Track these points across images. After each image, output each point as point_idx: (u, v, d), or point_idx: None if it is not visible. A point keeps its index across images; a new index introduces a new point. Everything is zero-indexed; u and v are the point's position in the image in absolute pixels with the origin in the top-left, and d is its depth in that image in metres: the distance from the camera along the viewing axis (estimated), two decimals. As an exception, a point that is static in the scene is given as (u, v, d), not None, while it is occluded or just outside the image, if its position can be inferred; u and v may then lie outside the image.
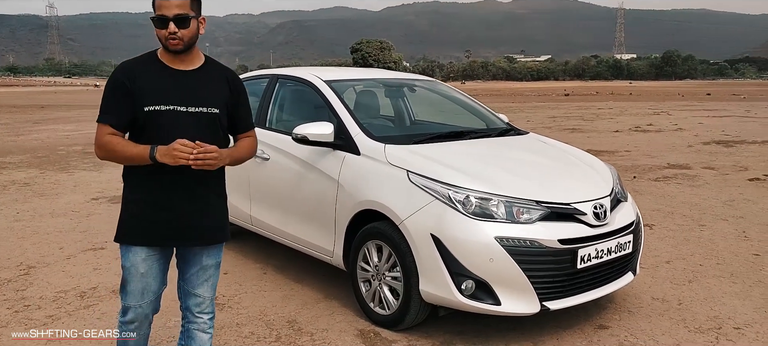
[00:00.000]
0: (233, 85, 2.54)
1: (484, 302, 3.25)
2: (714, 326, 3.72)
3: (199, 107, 2.40)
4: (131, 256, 2.45)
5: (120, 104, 2.37)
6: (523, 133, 4.67)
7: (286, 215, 4.40)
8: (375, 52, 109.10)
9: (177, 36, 2.33)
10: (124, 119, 2.38)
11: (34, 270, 4.72)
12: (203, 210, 2.48)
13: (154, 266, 2.49)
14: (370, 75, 5.32)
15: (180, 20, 2.32)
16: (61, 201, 7.37)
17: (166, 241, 2.48)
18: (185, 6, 2.33)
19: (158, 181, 2.39)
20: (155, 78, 2.39)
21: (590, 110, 25.90)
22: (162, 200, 2.41)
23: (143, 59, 2.47)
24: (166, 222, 2.42)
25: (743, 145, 12.75)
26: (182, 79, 2.41)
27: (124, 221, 2.46)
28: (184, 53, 2.41)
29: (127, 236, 2.45)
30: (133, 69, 2.41)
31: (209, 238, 2.54)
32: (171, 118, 2.36)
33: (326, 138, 3.95)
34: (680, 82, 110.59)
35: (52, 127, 18.33)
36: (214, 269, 2.62)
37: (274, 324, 3.74)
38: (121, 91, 2.36)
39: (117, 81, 2.38)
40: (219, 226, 2.57)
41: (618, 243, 3.55)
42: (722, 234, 5.75)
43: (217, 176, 2.51)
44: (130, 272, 2.46)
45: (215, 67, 2.54)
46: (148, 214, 2.42)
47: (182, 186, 2.41)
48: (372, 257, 3.72)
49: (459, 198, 3.32)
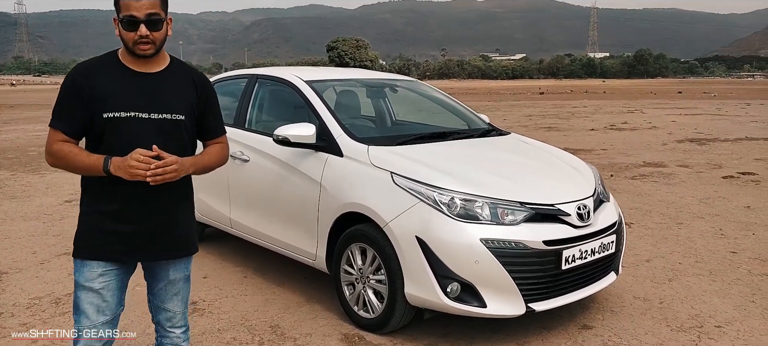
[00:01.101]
0: (201, 88, 2.34)
1: (469, 305, 3.23)
2: (695, 324, 3.75)
3: (162, 113, 2.20)
4: (86, 271, 2.23)
5: (75, 109, 2.16)
6: (505, 134, 4.66)
7: (266, 218, 4.33)
8: (351, 51, 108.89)
9: (148, 39, 2.13)
10: (78, 126, 2.18)
11: (6, 276, 4.59)
12: (168, 222, 2.29)
13: (111, 283, 2.26)
14: (350, 75, 5.27)
15: (153, 22, 2.13)
16: (32, 204, 7.18)
17: (128, 256, 2.27)
18: (156, 5, 2.14)
19: (119, 190, 2.18)
20: (115, 82, 2.17)
21: (565, 109, 26.15)
22: (123, 211, 2.21)
23: (103, 60, 2.24)
24: (129, 235, 2.22)
25: (716, 142, 12.97)
26: (145, 83, 2.20)
27: (82, 233, 2.25)
28: (153, 56, 2.22)
29: (84, 250, 2.23)
30: (91, 71, 2.19)
31: (176, 251, 2.36)
32: (132, 126, 2.15)
33: (308, 139, 3.89)
34: (652, 81, 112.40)
35: (22, 127, 17.94)
36: (184, 282, 2.44)
37: (256, 329, 3.68)
38: (77, 95, 2.15)
39: (73, 83, 2.17)
40: (186, 238, 2.38)
41: (601, 243, 3.56)
42: (699, 232, 5.82)
43: (183, 185, 2.32)
44: (83, 289, 2.24)
45: (181, 69, 2.33)
46: (108, 226, 2.21)
47: (145, 196, 2.21)
48: (356, 260, 3.67)
49: (444, 200, 3.30)
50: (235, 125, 4.68)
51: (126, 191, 2.17)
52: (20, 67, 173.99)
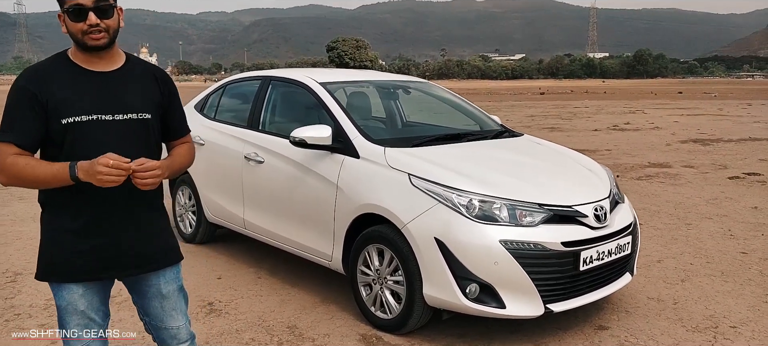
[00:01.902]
0: (164, 84, 2.17)
1: (488, 306, 3.25)
2: (711, 325, 3.77)
3: (127, 114, 2.02)
4: (65, 294, 2.07)
5: (27, 119, 1.94)
6: (518, 135, 4.68)
7: (282, 219, 4.35)
8: (351, 51, 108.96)
9: (99, 28, 1.94)
10: (33, 136, 1.95)
11: (21, 277, 4.60)
12: (146, 232, 2.13)
13: (94, 300, 2.12)
14: (363, 76, 5.29)
15: (102, 9, 1.94)
16: (41, 205, 7.19)
17: (104, 272, 2.09)
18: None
19: (85, 202, 2.00)
20: (71, 84, 1.97)
21: (567, 109, 26.18)
22: (92, 225, 2.03)
23: (52, 62, 2.03)
24: (102, 250, 2.05)
25: (720, 143, 13.00)
26: (104, 82, 2.01)
27: (48, 254, 2.06)
28: (105, 50, 2.01)
29: (55, 274, 2.06)
30: (42, 75, 1.98)
31: (162, 261, 2.19)
32: (95, 130, 1.96)
33: (324, 141, 3.91)
34: (652, 81, 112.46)
35: (24, 127, 17.94)
36: (178, 293, 2.25)
37: (274, 330, 3.70)
38: (29, 102, 1.94)
39: (22, 90, 1.95)
40: (167, 246, 2.22)
41: (618, 245, 3.58)
42: (709, 233, 5.84)
43: (155, 192, 2.15)
44: (67, 312, 2.09)
45: (140, 65, 2.15)
46: (78, 245, 2.03)
47: (115, 206, 2.04)
48: (373, 261, 3.69)
49: (463, 202, 3.32)
50: (248, 127, 4.70)
51: (93, 202, 2.01)
52: (20, 67, 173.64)
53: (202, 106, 5.34)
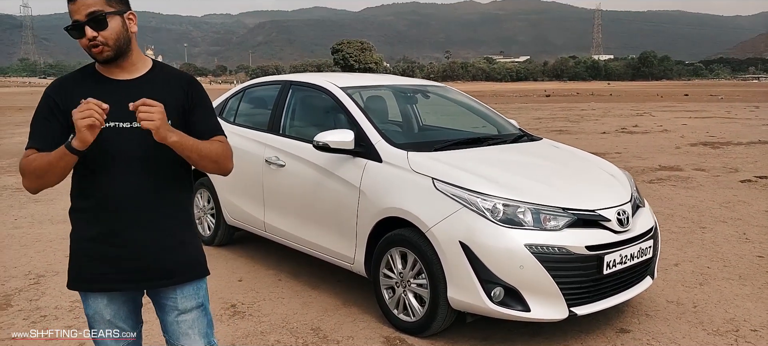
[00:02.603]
0: (189, 89, 2.11)
1: (513, 309, 3.28)
2: (731, 328, 3.80)
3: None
4: (92, 303, 2.09)
5: (49, 126, 1.99)
6: (537, 139, 4.71)
7: (303, 222, 4.39)
8: (356, 53, 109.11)
9: (98, 41, 1.92)
10: (54, 143, 1.96)
11: (44, 279, 4.65)
12: (165, 244, 2.07)
13: (121, 310, 2.12)
14: (383, 81, 5.33)
15: (95, 21, 1.91)
16: (57, 207, 7.26)
17: (123, 284, 2.07)
18: (99, 2, 1.92)
19: (105, 212, 2.00)
20: (92, 92, 1.94)
21: (574, 111, 26.18)
22: (110, 235, 2.01)
23: (79, 72, 2.09)
24: (120, 261, 2.02)
25: (730, 146, 12.98)
26: (125, 91, 2.00)
27: (74, 264, 2.08)
28: (120, 59, 2.01)
29: (80, 282, 2.07)
30: (66, 86, 2.04)
31: (180, 275, 2.11)
32: (113, 137, 1.95)
33: (347, 145, 3.95)
34: (657, 83, 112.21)
35: (34, 129, 18.02)
36: (198, 311, 2.17)
37: (298, 332, 3.74)
38: (53, 112, 2.00)
39: (46, 99, 2.02)
40: (190, 260, 2.13)
41: (640, 248, 3.61)
42: (724, 236, 5.86)
43: (178, 201, 2.11)
44: (94, 320, 2.11)
45: (165, 72, 2.13)
46: (97, 254, 2.03)
47: (135, 216, 2.01)
48: (396, 264, 3.72)
49: (487, 206, 3.35)
50: (269, 131, 4.74)
51: (112, 212, 2.00)
52: (26, 69, 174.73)
53: (221, 111, 5.39)
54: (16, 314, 3.98)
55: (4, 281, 4.61)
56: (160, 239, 2.05)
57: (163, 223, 2.06)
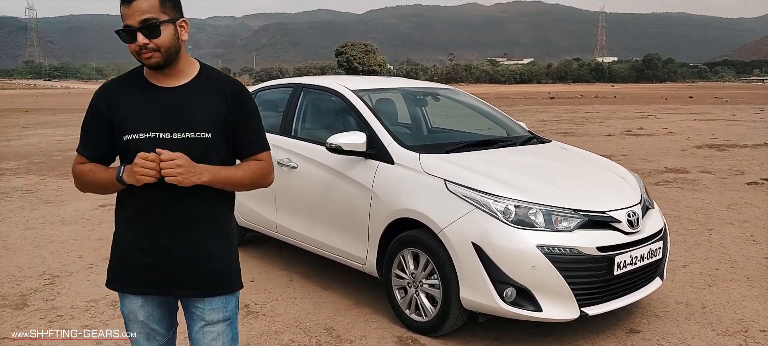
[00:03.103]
0: (233, 99, 2.05)
1: (525, 309, 3.32)
2: (740, 329, 3.83)
3: (185, 132, 1.96)
4: (127, 303, 2.12)
5: (95, 132, 2.03)
6: (547, 141, 4.75)
7: (315, 223, 4.44)
8: (359, 56, 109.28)
9: (149, 48, 1.91)
10: (100, 150, 2.03)
11: (59, 279, 4.72)
12: (197, 254, 2.04)
13: (154, 312, 2.13)
14: (393, 84, 5.38)
15: (149, 28, 1.90)
16: (68, 208, 7.33)
17: (154, 289, 2.07)
18: (154, 9, 1.90)
19: (142, 217, 2.02)
20: (136, 100, 1.99)
21: (578, 114, 26.19)
22: (143, 239, 2.03)
23: (127, 78, 2.08)
24: (150, 266, 2.03)
25: (735, 148, 13.00)
26: (167, 99, 1.99)
27: (112, 264, 2.12)
28: (168, 67, 1.98)
29: (116, 282, 2.11)
30: (112, 91, 2.04)
31: (205, 288, 2.08)
32: (152, 148, 1.92)
33: (359, 147, 4.00)
34: (661, 85, 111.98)
35: (41, 132, 18.16)
36: (224, 325, 2.13)
37: (311, 331, 3.79)
38: (98, 117, 2.02)
39: (94, 106, 2.03)
40: (220, 272, 2.09)
41: (650, 249, 3.65)
42: (731, 238, 5.89)
43: (214, 215, 2.08)
44: (129, 319, 2.14)
45: (212, 79, 2.07)
46: (132, 256, 2.05)
47: (167, 226, 2.01)
48: (408, 265, 3.77)
49: (499, 207, 3.40)
50: (281, 133, 4.79)
51: (147, 217, 2.02)
52: (31, 71, 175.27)
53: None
54: (33, 314, 4.04)
55: (19, 281, 4.67)
56: (191, 251, 2.03)
57: (196, 235, 2.04)
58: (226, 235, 2.13)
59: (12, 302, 4.25)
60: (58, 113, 27.75)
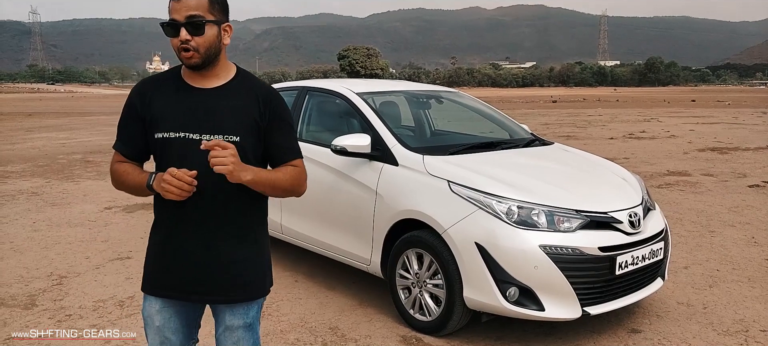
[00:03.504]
0: (266, 105, 2.04)
1: (528, 308, 3.37)
2: (741, 329, 3.87)
3: (214, 134, 1.95)
4: (147, 305, 2.11)
5: (129, 130, 2.05)
6: (549, 144, 4.80)
7: (320, 224, 4.49)
8: (362, 59, 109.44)
9: (190, 45, 1.91)
10: (134, 147, 2.05)
11: (67, 280, 4.77)
12: (223, 260, 2.03)
13: (171, 320, 2.11)
14: (397, 87, 5.44)
15: (194, 25, 1.91)
16: (74, 211, 7.38)
17: (174, 292, 2.07)
18: (202, 7, 1.92)
19: (173, 220, 2.02)
20: (170, 100, 2.00)
21: (581, 117, 26.22)
22: (169, 242, 2.04)
23: (164, 76, 2.09)
24: (176, 270, 2.04)
25: (737, 152, 13.02)
26: (200, 100, 1.99)
27: (145, 265, 2.14)
28: (206, 68, 1.99)
29: (143, 283, 2.12)
30: (148, 88, 2.05)
31: (225, 294, 2.06)
32: (181, 148, 1.94)
33: (364, 149, 4.05)
34: (664, 89, 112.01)
35: (45, 135, 18.23)
36: (244, 330, 2.13)
37: (317, 331, 3.84)
38: (132, 115, 2.04)
39: (129, 102, 2.06)
40: (241, 280, 2.07)
41: (651, 250, 3.69)
42: (732, 240, 5.92)
43: (243, 220, 2.06)
44: (147, 323, 2.13)
45: (246, 83, 2.06)
46: (160, 258, 2.07)
47: (197, 228, 2.00)
48: (412, 265, 3.82)
49: (502, 208, 3.44)
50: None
51: (176, 221, 2.01)
52: (34, 75, 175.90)
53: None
54: (42, 314, 4.09)
55: (27, 282, 4.73)
56: (215, 256, 2.02)
57: (221, 240, 2.03)
58: (254, 242, 2.11)
59: (21, 302, 4.30)
60: (62, 117, 27.85)
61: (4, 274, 4.90)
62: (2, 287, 4.60)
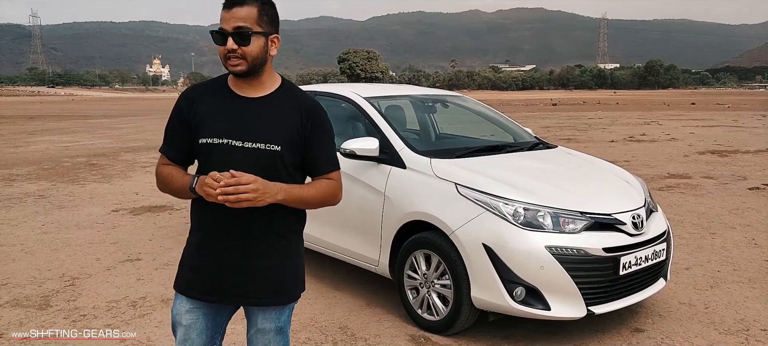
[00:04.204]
0: (308, 116, 2.08)
1: (534, 308, 3.45)
2: (742, 328, 3.95)
3: (256, 143, 2.00)
4: (177, 304, 2.15)
5: (176, 133, 2.11)
6: (552, 147, 4.89)
7: (329, 226, 4.57)
8: (362, 62, 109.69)
9: (237, 54, 1.96)
10: (179, 150, 2.11)
11: (79, 281, 4.85)
12: (254, 265, 2.07)
13: (198, 321, 2.13)
14: (404, 91, 5.53)
15: (241, 35, 1.96)
16: (82, 213, 7.46)
17: (205, 295, 2.10)
18: (251, 19, 1.98)
19: (208, 221, 2.07)
20: (215, 105, 2.06)
21: (581, 120, 26.32)
22: (204, 244, 2.09)
23: (211, 83, 2.15)
24: (206, 271, 2.08)
25: (737, 154, 13.12)
26: (244, 109, 2.05)
27: (180, 265, 2.19)
28: (251, 76, 2.04)
29: (176, 282, 2.17)
30: (195, 94, 2.12)
31: (259, 298, 2.11)
32: (224, 154, 1.99)
33: (372, 153, 4.14)
34: (663, 92, 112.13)
35: (48, 138, 18.31)
36: (275, 334, 2.19)
37: (327, 330, 3.92)
38: (179, 120, 2.10)
39: (177, 107, 2.12)
40: (274, 285, 2.12)
41: (654, 251, 3.78)
42: (733, 242, 6.01)
43: (278, 226, 2.09)
44: (175, 321, 2.16)
45: (289, 94, 2.11)
46: (192, 260, 2.12)
47: (230, 231, 2.03)
48: (420, 266, 3.90)
49: (509, 210, 3.53)
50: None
51: (208, 221, 2.07)
52: (34, 78, 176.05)
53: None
54: (56, 314, 4.17)
55: (40, 283, 4.81)
56: (251, 260, 2.07)
57: (257, 245, 2.07)
58: (289, 247, 2.17)
59: (35, 302, 4.38)
60: (64, 120, 27.93)
61: (17, 275, 4.98)
62: (16, 287, 4.68)
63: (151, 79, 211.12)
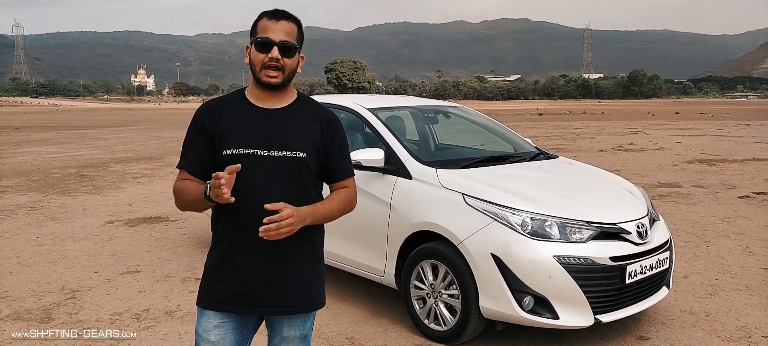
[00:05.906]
0: (327, 125, 2.17)
1: (543, 317, 3.48)
2: (744, 335, 4.01)
3: (282, 151, 2.07)
4: (203, 321, 2.14)
5: (197, 148, 2.12)
6: (554, 157, 4.94)
7: (334, 236, 4.51)
8: (349, 72, 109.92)
9: (278, 65, 2.05)
10: (200, 164, 2.11)
11: (80, 294, 4.80)
12: (279, 274, 2.12)
13: (227, 336, 2.13)
14: (406, 102, 5.57)
15: (286, 49, 2.06)
16: (75, 225, 7.40)
17: (236, 306, 2.12)
18: (293, 34, 2.09)
19: (226, 233, 2.11)
20: (237, 118, 2.10)
21: (569, 130, 26.54)
22: (230, 255, 2.11)
23: (228, 98, 2.20)
24: (234, 283, 2.11)
25: (725, 163, 13.30)
26: (266, 119, 2.11)
27: (202, 279, 2.20)
28: (278, 89, 2.11)
29: (200, 298, 2.16)
30: (214, 109, 2.15)
31: (286, 306, 2.15)
32: (249, 163, 2.02)
33: (377, 163, 4.16)
34: (647, 101, 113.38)
35: (34, 149, 18.12)
36: (300, 341, 2.23)
37: (334, 341, 3.92)
38: (200, 133, 2.12)
39: (196, 122, 2.14)
40: (300, 292, 2.17)
41: (658, 259, 3.83)
42: (728, 250, 6.09)
43: (302, 233, 2.07)
44: (201, 338, 2.14)
45: (307, 105, 2.20)
46: (218, 273, 2.13)
47: (253, 241, 2.02)
48: (427, 276, 3.92)
49: (517, 220, 3.56)
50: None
51: (231, 233, 2.10)
52: (18, 88, 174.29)
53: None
54: (59, 327, 4.13)
55: (40, 296, 4.76)
56: (274, 268, 2.10)
57: (283, 252, 2.10)
58: (314, 254, 2.23)
59: (36, 315, 4.33)
60: (49, 131, 27.65)
61: (15, 288, 4.93)
62: (16, 301, 4.63)
63: (136, 89, 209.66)
